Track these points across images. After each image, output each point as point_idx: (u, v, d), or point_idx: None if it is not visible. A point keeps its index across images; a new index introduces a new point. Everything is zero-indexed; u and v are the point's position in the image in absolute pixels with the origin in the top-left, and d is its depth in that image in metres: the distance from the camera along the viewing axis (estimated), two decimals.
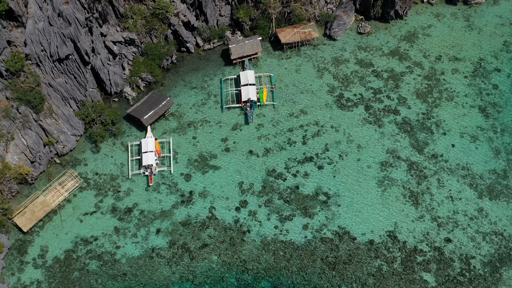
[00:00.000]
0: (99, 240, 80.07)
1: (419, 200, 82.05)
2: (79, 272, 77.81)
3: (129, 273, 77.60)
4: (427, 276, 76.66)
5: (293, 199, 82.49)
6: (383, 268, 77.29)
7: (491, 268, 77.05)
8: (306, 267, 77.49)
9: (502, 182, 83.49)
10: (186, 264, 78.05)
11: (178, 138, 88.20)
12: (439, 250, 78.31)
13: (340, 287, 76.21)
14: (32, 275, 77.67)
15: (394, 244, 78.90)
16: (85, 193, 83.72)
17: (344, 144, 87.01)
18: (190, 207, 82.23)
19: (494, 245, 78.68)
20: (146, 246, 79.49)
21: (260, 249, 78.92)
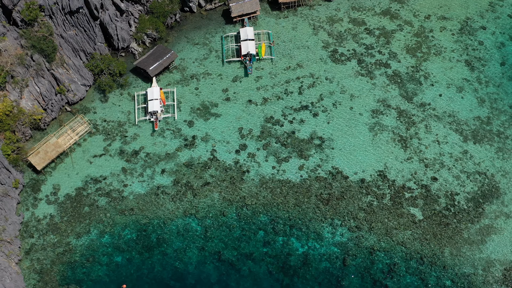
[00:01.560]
0: (107, 179, 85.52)
1: (407, 144, 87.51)
2: (89, 208, 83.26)
3: (136, 208, 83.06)
4: (415, 210, 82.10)
5: (289, 143, 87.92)
6: (373, 204, 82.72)
7: (474, 204, 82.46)
8: (302, 203, 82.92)
9: (485, 127, 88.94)
10: (189, 200, 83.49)
11: (182, 89, 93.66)
12: (426, 187, 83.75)
13: (333, 220, 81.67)
14: (45, 210, 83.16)
15: (384, 182, 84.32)
16: (94, 138, 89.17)
17: (338, 94, 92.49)
18: (193, 150, 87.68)
19: (477, 183, 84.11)
20: (152, 184, 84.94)
21: (258, 187, 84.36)
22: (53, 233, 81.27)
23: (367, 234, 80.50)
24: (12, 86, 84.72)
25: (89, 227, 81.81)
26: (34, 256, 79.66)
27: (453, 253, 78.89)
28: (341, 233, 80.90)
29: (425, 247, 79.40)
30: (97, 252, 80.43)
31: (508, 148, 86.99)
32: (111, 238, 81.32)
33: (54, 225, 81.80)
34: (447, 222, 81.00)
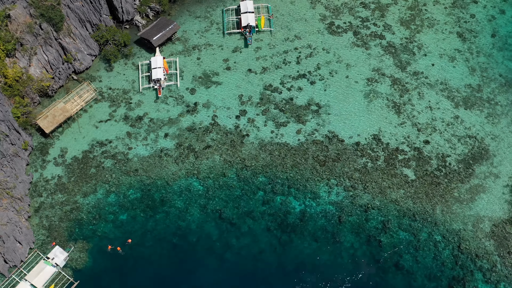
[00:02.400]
0: (113, 142, 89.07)
1: (401, 110, 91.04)
2: (95, 169, 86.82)
3: (140, 169, 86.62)
4: (407, 171, 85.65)
5: (287, 109, 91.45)
6: (368, 165, 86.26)
7: (464, 165, 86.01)
8: (299, 164, 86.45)
9: (476, 94, 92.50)
10: (191, 162, 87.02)
11: (184, 59, 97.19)
12: (418, 150, 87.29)
13: (329, 180, 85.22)
14: (53, 171, 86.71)
15: (378, 145, 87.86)
16: (100, 105, 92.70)
17: (334, 64, 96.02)
18: (194, 116, 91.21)
19: (468, 146, 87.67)
20: (155, 147, 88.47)
21: (257, 149, 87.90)
22: (61, 193, 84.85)
23: (362, 193, 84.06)
24: (21, 54, 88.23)
25: (95, 187, 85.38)
26: (43, 214, 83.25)
27: (444, 211, 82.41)
28: (337, 192, 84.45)
29: (417, 205, 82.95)
30: (103, 210, 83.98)
31: (498, 114, 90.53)
32: (116, 197, 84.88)
33: (62, 185, 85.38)
34: (438, 182, 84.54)
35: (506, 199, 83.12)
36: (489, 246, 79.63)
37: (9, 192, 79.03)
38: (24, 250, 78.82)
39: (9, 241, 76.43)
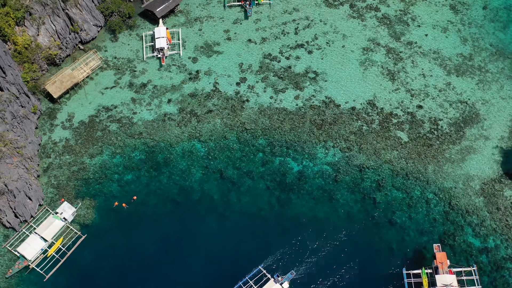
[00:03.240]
0: (118, 108, 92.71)
1: (395, 77, 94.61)
2: (101, 132, 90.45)
3: (144, 132, 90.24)
4: (401, 133, 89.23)
5: (286, 76, 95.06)
6: (363, 128, 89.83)
7: (456, 128, 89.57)
8: (297, 127, 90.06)
9: (467, 63, 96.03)
10: (193, 126, 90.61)
11: (186, 30, 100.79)
12: (412, 114, 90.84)
13: (326, 142, 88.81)
14: (61, 134, 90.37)
15: (373, 109, 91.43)
16: (105, 73, 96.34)
17: (331, 34, 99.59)
18: (196, 83, 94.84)
19: (459, 110, 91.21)
20: (159, 112, 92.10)
21: (257, 114, 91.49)
22: (69, 154, 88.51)
23: (357, 154, 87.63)
24: (30, 23, 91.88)
25: (101, 149, 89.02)
26: (51, 173, 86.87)
27: (435, 170, 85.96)
28: (333, 153, 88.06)
29: (410, 165, 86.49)
30: (109, 170, 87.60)
31: (488, 80, 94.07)
32: (121, 159, 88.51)
33: (69, 147, 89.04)
34: (430, 144, 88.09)
35: (495, 159, 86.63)
36: (479, 203, 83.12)
37: (19, 151, 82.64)
38: (33, 205, 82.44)
39: (20, 196, 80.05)
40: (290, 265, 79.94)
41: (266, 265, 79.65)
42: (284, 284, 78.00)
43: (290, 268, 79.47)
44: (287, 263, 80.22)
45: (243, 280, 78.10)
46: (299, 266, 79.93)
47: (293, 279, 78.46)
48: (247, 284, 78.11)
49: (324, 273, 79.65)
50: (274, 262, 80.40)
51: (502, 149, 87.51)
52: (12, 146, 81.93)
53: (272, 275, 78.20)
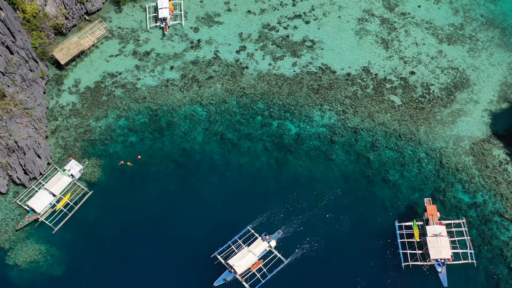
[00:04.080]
0: (122, 74, 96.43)
1: (389, 45, 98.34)
2: (107, 97, 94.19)
3: (148, 97, 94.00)
4: (394, 97, 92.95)
5: (284, 44, 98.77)
6: (358, 92, 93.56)
7: (447, 92, 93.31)
8: (295, 92, 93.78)
9: (459, 32, 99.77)
10: (195, 91, 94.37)
11: (188, 2, 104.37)
12: (405, 79, 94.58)
13: (322, 105, 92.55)
14: (68, 99, 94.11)
15: (367, 75, 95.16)
16: (110, 42, 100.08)
17: (328, 6, 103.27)
18: (198, 51, 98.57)
19: (450, 76, 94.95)
20: (162, 78, 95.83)
21: (256, 79, 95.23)
22: (75, 117, 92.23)
23: (352, 117, 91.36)
24: None
25: (107, 112, 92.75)
26: (59, 135, 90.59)
27: (427, 132, 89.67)
28: (329, 116, 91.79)
29: (403, 127, 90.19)
30: (114, 132, 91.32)
31: (479, 49, 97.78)
32: (126, 121, 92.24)
33: (76, 111, 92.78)
34: (422, 107, 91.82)
35: (484, 121, 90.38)
36: (468, 162, 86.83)
37: (29, 112, 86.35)
38: (42, 163, 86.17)
39: (30, 153, 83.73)
40: (283, 223, 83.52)
41: (260, 222, 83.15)
42: (272, 243, 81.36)
43: (286, 226, 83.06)
44: (281, 222, 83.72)
45: (232, 240, 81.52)
46: (293, 224, 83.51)
47: (295, 235, 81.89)
48: (236, 243, 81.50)
49: (319, 229, 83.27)
50: (268, 221, 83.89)
51: (491, 111, 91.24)
52: (22, 107, 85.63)
53: (260, 234, 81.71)
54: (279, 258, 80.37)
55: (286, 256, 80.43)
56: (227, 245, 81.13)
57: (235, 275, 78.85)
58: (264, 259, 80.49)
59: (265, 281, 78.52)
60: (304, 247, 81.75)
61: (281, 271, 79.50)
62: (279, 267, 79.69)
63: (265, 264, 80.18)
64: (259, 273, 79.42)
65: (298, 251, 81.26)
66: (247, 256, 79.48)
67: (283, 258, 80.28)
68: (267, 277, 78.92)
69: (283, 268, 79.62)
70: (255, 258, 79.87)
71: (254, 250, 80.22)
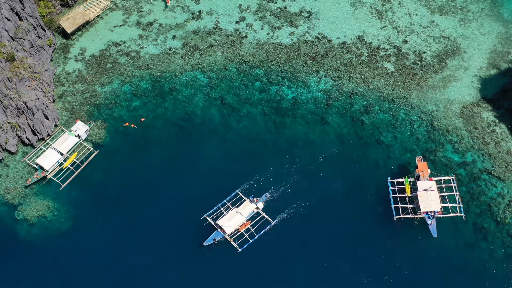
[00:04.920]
0: (126, 43, 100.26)
1: (383, 16, 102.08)
2: (111, 64, 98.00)
3: (151, 64, 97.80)
4: (388, 64, 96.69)
5: (282, 15, 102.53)
6: (352, 60, 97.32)
7: (438, 59, 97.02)
8: (292, 59, 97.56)
9: (450, 3, 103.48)
10: (196, 58, 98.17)
11: None
12: (398, 48, 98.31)
13: (318, 72, 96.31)
14: (74, 66, 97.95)
15: (362, 44, 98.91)
16: (114, 13, 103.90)
17: None
18: (199, 21, 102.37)
19: (441, 44, 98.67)
20: (164, 47, 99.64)
21: (255, 48, 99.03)
22: (81, 83, 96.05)
23: (347, 82, 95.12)
24: None
25: (111, 78, 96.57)
26: (65, 100, 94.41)
27: (419, 96, 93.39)
28: (325, 82, 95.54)
29: (396, 91, 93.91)
30: (119, 97, 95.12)
31: (469, 19, 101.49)
32: (130, 87, 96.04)
33: (82, 77, 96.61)
34: (414, 73, 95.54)
35: (474, 86, 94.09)
36: (458, 123, 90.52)
37: (37, 76, 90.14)
38: (50, 124, 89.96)
39: (38, 114, 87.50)
40: (275, 185, 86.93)
41: (253, 185, 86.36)
42: (259, 204, 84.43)
43: (276, 188, 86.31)
44: (272, 184, 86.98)
45: (222, 203, 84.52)
46: (284, 186, 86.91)
47: (286, 197, 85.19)
48: (225, 205, 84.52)
49: (313, 189, 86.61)
50: (264, 182, 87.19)
51: (480, 77, 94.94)
52: (30, 71, 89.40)
53: (248, 197, 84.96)
54: (266, 219, 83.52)
55: (277, 217, 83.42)
56: (216, 208, 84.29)
57: (224, 235, 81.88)
58: (252, 221, 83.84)
59: (252, 240, 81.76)
60: (295, 207, 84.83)
61: (274, 230, 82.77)
62: (266, 227, 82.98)
63: (253, 225, 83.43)
64: (247, 233, 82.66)
65: (289, 211, 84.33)
66: (236, 217, 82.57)
67: (270, 219, 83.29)
68: (254, 237, 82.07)
69: (272, 228, 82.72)
70: (243, 218, 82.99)
71: (242, 211, 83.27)
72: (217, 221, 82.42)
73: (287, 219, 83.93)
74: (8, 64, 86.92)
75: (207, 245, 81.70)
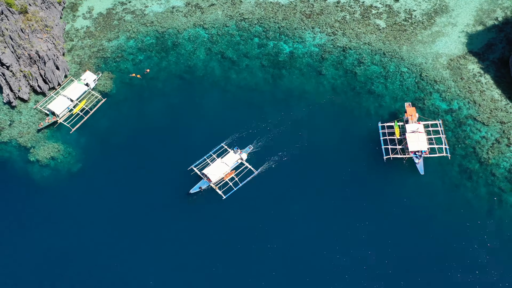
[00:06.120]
0: (132, 2, 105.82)
1: None
2: (117, 21, 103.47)
3: (155, 21, 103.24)
4: (379, 21, 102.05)
5: None
6: (346, 17, 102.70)
7: (427, 17, 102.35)
8: (289, 17, 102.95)
9: None
10: (198, 16, 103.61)
11: None
12: (389, 6, 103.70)
13: (314, 28, 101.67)
14: (82, 23, 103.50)
15: (355, 2, 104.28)
16: None
17: None
18: None
19: (431, 3, 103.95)
20: (168, 5, 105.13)
21: (254, 6, 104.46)
22: (89, 38, 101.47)
23: (341, 38, 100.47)
24: None
25: (118, 34, 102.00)
26: (74, 53, 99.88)
27: (409, 50, 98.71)
28: (320, 37, 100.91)
29: (387, 46, 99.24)
30: (125, 52, 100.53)
31: None
32: (135, 43, 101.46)
33: (90, 33, 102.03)
34: (404, 29, 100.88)
35: (461, 41, 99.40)
36: (446, 74, 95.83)
37: (48, 29, 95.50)
38: (60, 74, 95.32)
39: (49, 63, 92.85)
40: (277, 131, 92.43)
41: (256, 131, 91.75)
42: (243, 155, 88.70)
43: (278, 134, 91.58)
44: (277, 129, 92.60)
45: (207, 155, 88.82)
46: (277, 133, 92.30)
47: (277, 144, 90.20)
48: (210, 157, 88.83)
49: (309, 134, 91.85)
50: (263, 130, 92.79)
51: (467, 33, 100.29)
52: (42, 24, 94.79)
53: (232, 148, 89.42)
54: (250, 169, 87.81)
55: (268, 164, 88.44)
56: (202, 159, 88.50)
57: (209, 183, 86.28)
58: (236, 171, 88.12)
59: (237, 189, 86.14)
60: (290, 153, 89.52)
61: (268, 176, 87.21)
62: (249, 176, 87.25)
63: (237, 174, 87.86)
64: (231, 181, 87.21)
65: (282, 158, 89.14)
66: (220, 167, 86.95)
67: (253, 169, 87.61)
68: (238, 185, 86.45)
69: (267, 172, 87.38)
70: (228, 168, 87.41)
71: (227, 161, 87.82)
72: (203, 171, 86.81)
73: (282, 164, 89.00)
74: (21, 16, 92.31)
75: (194, 193, 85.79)
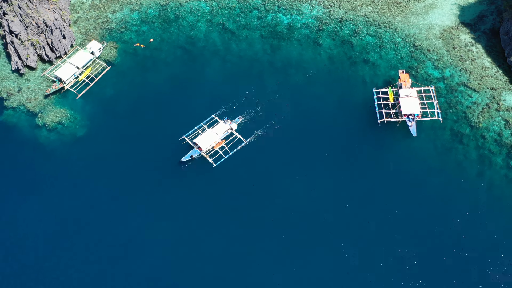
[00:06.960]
0: None
1: None
2: None
3: None
4: None
5: None
6: None
7: None
8: None
9: None
10: None
11: None
12: None
13: (311, 0, 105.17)
14: None
15: None
16: None
17: None
18: None
19: None
20: None
21: None
22: (94, 10, 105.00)
23: (337, 10, 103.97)
24: None
25: (122, 7, 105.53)
26: (80, 24, 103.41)
27: (403, 21, 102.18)
28: (317, 9, 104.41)
29: (381, 17, 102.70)
30: (128, 23, 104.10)
31: None
32: (138, 15, 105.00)
33: (94, 5, 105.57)
34: (399, 1, 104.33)
35: (453, 13, 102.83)
36: (438, 44, 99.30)
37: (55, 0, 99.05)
38: (67, 43, 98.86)
39: (56, 32, 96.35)
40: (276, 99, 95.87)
41: (255, 98, 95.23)
42: (232, 125, 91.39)
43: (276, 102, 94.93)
44: (276, 95, 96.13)
45: (199, 125, 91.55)
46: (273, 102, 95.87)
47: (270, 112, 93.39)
48: (201, 127, 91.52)
49: (306, 101, 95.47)
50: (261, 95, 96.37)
51: (459, 5, 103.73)
52: None
53: (222, 119, 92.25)
54: (239, 139, 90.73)
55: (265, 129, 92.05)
56: (193, 130, 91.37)
57: (200, 152, 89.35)
58: (226, 140, 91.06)
59: (227, 157, 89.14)
60: (289, 119, 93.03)
61: (263, 143, 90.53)
62: (239, 146, 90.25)
63: (227, 144, 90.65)
64: (221, 150, 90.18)
65: (280, 121, 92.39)
66: (211, 136, 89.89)
67: (242, 138, 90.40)
68: (228, 154, 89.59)
69: (264, 139, 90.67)
70: (218, 137, 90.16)
71: (217, 131, 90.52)
72: (194, 140, 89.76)
73: (275, 132, 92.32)
74: None
75: (185, 161, 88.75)
